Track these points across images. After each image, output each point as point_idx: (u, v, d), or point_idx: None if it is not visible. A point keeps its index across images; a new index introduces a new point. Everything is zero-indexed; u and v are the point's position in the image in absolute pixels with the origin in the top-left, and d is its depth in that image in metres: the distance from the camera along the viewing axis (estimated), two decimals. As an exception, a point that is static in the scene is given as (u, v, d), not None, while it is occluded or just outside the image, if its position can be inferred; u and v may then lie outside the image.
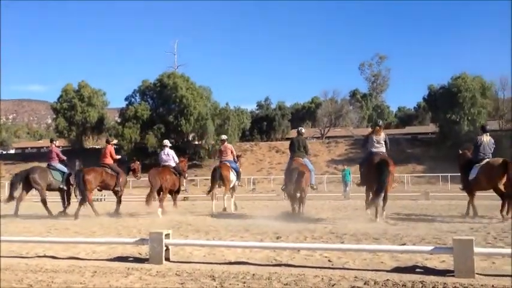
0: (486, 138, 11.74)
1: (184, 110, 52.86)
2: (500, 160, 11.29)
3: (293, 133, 72.09)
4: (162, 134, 53.57)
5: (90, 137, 64.63)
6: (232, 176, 15.20)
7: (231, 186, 15.28)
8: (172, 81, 54.30)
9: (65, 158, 15.26)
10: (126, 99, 59.07)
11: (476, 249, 5.47)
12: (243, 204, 18.00)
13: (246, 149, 57.85)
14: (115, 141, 16.21)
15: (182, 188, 16.07)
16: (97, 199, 21.64)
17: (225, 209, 14.87)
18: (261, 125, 73.58)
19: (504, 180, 10.95)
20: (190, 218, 12.87)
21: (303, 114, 78.74)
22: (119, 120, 59.69)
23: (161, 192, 14.26)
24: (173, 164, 14.98)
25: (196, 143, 55.16)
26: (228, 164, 15.16)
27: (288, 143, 56.32)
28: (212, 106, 57.01)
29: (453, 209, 14.00)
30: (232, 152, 15.70)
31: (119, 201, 14.85)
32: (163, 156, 15.06)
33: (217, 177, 14.71)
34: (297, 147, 12.88)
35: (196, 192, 32.21)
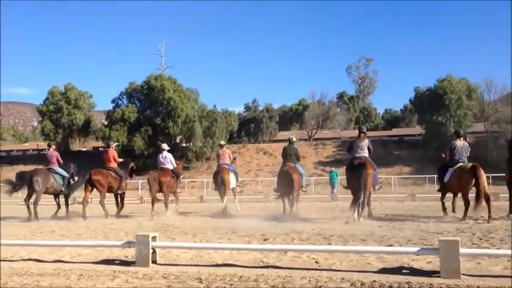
0: (460, 143, 12.19)
1: (172, 112, 52.67)
2: (470, 165, 11.75)
3: (281, 135, 72.34)
4: (149, 137, 53.35)
5: (77, 140, 64.08)
6: (232, 178, 15.88)
7: (231, 187, 15.98)
8: (159, 84, 54.09)
9: (62, 161, 15.35)
10: (113, 101, 58.78)
11: (462, 250, 5.51)
12: (231, 206, 17.95)
13: (234, 151, 57.64)
14: (116, 144, 16.84)
15: (179, 190, 16.62)
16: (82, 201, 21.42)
17: (224, 210, 15.12)
18: (249, 127, 73.59)
19: (472, 184, 11.41)
20: (178, 220, 12.83)
21: (291, 117, 78.89)
22: (105, 123, 59.32)
23: (162, 195, 14.74)
24: (171, 167, 15.49)
25: (184, 145, 54.98)
26: (227, 167, 15.77)
27: (275, 145, 56.55)
28: (200, 108, 56.88)
29: (439, 210, 14.08)
30: (229, 156, 16.40)
31: (122, 204, 15.37)
32: (162, 159, 15.50)
33: (219, 181, 15.24)
34: (289, 155, 14.08)
35: (183, 194, 32.06)
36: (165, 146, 16.10)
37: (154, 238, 6.60)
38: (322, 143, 59.15)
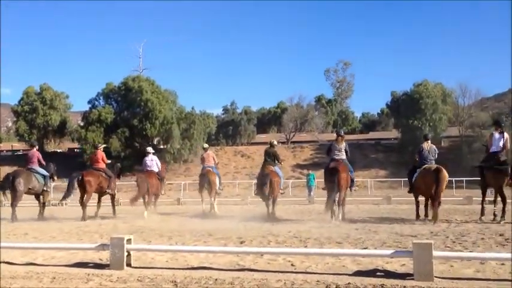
0: (427, 145, 12.62)
1: (149, 114, 52.37)
2: (434, 167, 12.09)
3: (259, 138, 72.41)
4: (126, 138, 52.94)
5: (52, 141, 63.22)
6: (217, 180, 16.47)
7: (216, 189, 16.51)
8: (137, 85, 53.75)
9: (44, 163, 15.30)
10: (89, 102, 58.24)
11: (435, 253, 5.58)
12: (208, 209, 17.89)
13: (212, 154, 57.67)
14: (103, 146, 17.20)
15: (162, 192, 17.11)
16: (57, 204, 21.26)
17: (211, 210, 16.02)
18: (227, 130, 73.52)
19: (435, 186, 11.71)
20: (154, 223, 12.74)
21: (269, 119, 79.10)
22: (81, 124, 58.69)
23: (146, 196, 15.17)
24: (156, 170, 16.08)
25: (162, 147, 54.68)
26: (211, 169, 16.46)
27: (253, 147, 56.62)
28: (178, 110, 56.66)
29: (414, 213, 14.27)
30: (214, 159, 17.04)
31: (114, 204, 15.92)
32: (148, 162, 16.06)
33: (205, 182, 15.96)
34: (269, 157, 14.92)
35: (160, 197, 31.81)
36: (150, 149, 16.67)
37: (129, 241, 6.54)
38: (300, 146, 59.46)
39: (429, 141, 12.79)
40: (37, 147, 16.05)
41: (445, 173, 11.85)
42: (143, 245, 7.96)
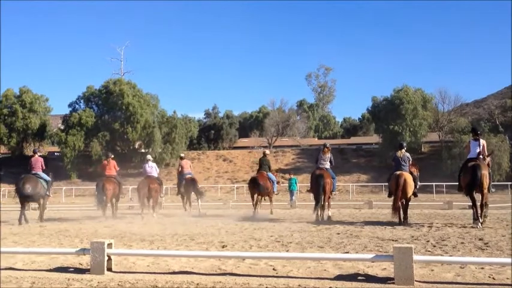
0: (400, 153, 13.27)
1: (131, 118, 52.05)
2: (398, 173, 12.89)
3: (241, 142, 72.40)
4: (107, 142, 52.52)
5: (32, 144, 62.33)
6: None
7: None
8: (118, 88, 53.39)
9: (45, 167, 15.95)
10: (69, 105, 57.65)
11: (416, 257, 5.63)
12: (189, 213, 17.85)
13: (194, 158, 57.47)
14: (112, 156, 17.90)
15: (161, 195, 18.30)
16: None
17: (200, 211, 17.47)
18: (209, 134, 73.45)
19: (398, 190, 12.62)
20: (136, 227, 12.65)
21: (251, 124, 79.08)
22: (62, 127, 58.04)
23: (150, 199, 16.60)
24: (156, 175, 17.28)
25: (143, 151, 54.33)
26: (192, 175, 18.28)
27: (235, 151, 56.71)
28: (159, 114, 56.42)
29: (395, 217, 14.40)
30: (190, 166, 18.69)
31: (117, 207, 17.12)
32: (148, 168, 17.21)
33: (191, 187, 17.67)
34: (263, 165, 17.47)
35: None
36: (149, 156, 18.12)
37: (109, 245, 6.48)
38: (282, 150, 59.56)
39: (403, 150, 13.36)
40: (39, 153, 16.76)
41: (406, 179, 12.64)
42: (124, 250, 7.91)
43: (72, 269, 6.71)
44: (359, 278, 5.93)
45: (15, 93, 59.25)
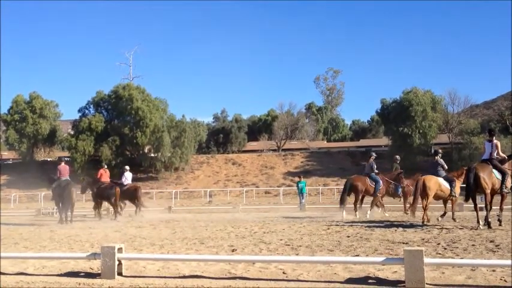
0: (434, 160, 14.17)
1: (140, 122, 52.21)
2: (420, 177, 13.87)
3: (249, 145, 72.30)
4: (117, 146, 52.69)
5: (42, 150, 62.74)
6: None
7: None
8: (127, 93, 53.58)
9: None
10: (79, 110, 57.93)
11: (426, 260, 5.60)
12: (199, 217, 17.87)
13: (203, 161, 57.58)
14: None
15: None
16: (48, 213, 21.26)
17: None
18: (218, 137, 73.42)
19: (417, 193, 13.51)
20: (145, 231, 12.69)
21: (260, 127, 78.98)
22: (72, 132, 58.36)
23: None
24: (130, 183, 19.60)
25: (152, 155, 54.48)
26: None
27: (244, 155, 56.54)
28: (168, 118, 56.53)
29: (406, 220, 14.33)
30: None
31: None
32: (123, 179, 19.34)
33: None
34: (368, 169, 18.08)
35: (151, 205, 31.72)
36: (127, 167, 20.46)
37: (120, 249, 6.51)
38: (291, 153, 59.45)
39: (436, 156, 14.17)
40: (65, 161, 18.84)
41: (424, 181, 13.37)
42: (134, 254, 7.93)
43: (83, 274, 6.75)
44: (369, 281, 5.91)
45: (25, 99, 59.66)
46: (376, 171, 17.62)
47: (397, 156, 18.81)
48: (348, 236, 10.53)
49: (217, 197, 42.45)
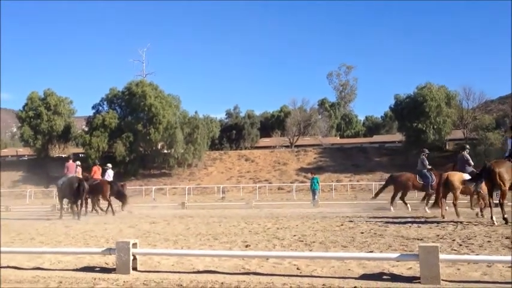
0: (460, 155, 14.68)
1: (153, 119, 52.48)
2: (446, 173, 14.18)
3: (262, 142, 72.26)
4: (131, 143, 53.02)
5: (57, 146, 63.31)
6: None
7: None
8: (140, 90, 53.87)
9: None
10: (93, 107, 58.44)
11: (442, 256, 5.56)
12: (212, 213, 17.92)
13: (216, 158, 57.70)
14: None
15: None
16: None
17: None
18: (230, 134, 73.50)
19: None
20: (159, 227, 12.75)
21: (272, 123, 78.90)
22: (86, 129, 58.83)
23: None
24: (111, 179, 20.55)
25: (165, 151, 54.75)
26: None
27: (257, 151, 56.45)
28: (181, 115, 56.74)
29: (420, 216, 14.24)
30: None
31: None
32: (105, 175, 20.65)
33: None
34: (420, 166, 17.49)
35: (164, 201, 31.90)
36: (109, 165, 21.45)
37: (134, 245, 6.55)
38: (304, 149, 59.38)
39: (463, 151, 14.67)
40: (72, 159, 19.90)
41: (447, 176, 13.63)
42: (149, 249, 7.98)
43: (98, 269, 6.80)
44: (384, 277, 5.89)
45: (40, 96, 60.24)
46: (429, 167, 17.33)
47: (425, 149, 18.14)
48: (362, 232, 10.49)
49: (230, 193, 42.56)
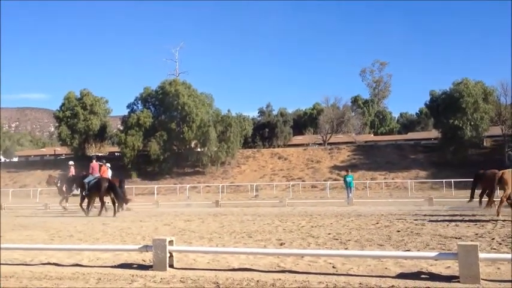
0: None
1: (187, 117, 52.95)
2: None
3: (295, 140, 72.08)
4: (165, 141, 53.64)
5: (93, 145, 64.60)
6: None
7: None
8: (174, 89, 54.41)
9: None
10: (128, 106, 59.32)
11: (481, 255, 5.44)
12: (246, 211, 17.97)
13: (249, 156, 57.83)
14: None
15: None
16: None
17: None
18: (263, 132, 73.59)
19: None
20: (194, 225, 12.87)
21: (305, 121, 78.66)
22: (121, 128, 59.81)
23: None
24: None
25: (199, 150, 55.17)
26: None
27: (290, 149, 56.57)
28: (214, 113, 57.08)
29: (458, 214, 13.98)
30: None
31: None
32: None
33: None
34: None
35: (198, 199, 32.18)
36: (108, 164, 21.62)
37: (171, 242, 6.62)
38: (337, 147, 58.95)
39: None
40: (96, 159, 20.81)
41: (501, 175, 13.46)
42: (185, 247, 8.05)
43: (136, 266, 6.90)
44: (422, 276, 5.80)
45: (77, 95, 61.56)
46: None
47: None
48: (398, 231, 10.36)
49: (263, 191, 42.61)
